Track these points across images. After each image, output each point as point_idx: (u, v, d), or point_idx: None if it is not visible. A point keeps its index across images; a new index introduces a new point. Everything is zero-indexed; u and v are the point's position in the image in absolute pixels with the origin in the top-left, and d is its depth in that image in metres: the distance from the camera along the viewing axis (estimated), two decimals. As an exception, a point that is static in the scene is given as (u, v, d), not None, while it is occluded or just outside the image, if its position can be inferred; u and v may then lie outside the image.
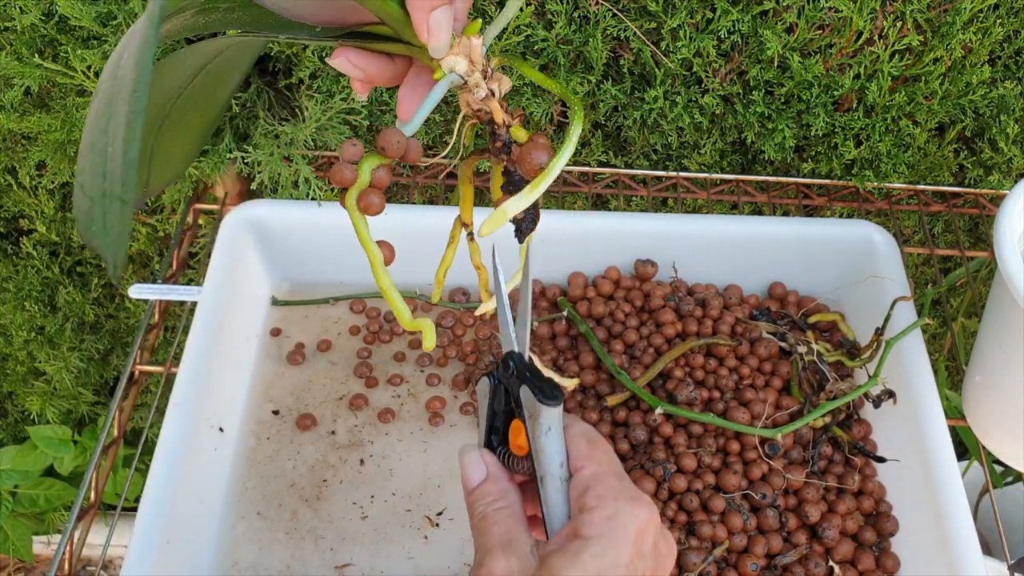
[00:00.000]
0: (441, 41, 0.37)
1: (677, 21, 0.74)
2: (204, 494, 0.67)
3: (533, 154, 0.38)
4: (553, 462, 0.41)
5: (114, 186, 0.28)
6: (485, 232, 0.38)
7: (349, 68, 0.40)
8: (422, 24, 0.37)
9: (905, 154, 0.81)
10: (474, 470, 0.43)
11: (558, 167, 0.38)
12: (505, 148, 0.40)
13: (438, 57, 0.38)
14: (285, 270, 0.81)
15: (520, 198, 0.37)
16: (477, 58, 0.39)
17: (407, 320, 0.40)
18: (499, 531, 0.41)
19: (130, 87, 0.28)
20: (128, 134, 0.27)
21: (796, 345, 0.70)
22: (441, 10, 0.36)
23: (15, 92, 0.79)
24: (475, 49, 0.38)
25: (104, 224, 0.29)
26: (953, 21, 0.73)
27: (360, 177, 0.38)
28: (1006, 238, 0.59)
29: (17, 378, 1.12)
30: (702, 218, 0.78)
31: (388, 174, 0.38)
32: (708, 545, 0.63)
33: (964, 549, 0.60)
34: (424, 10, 0.36)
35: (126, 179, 0.28)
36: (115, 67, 0.31)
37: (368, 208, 0.38)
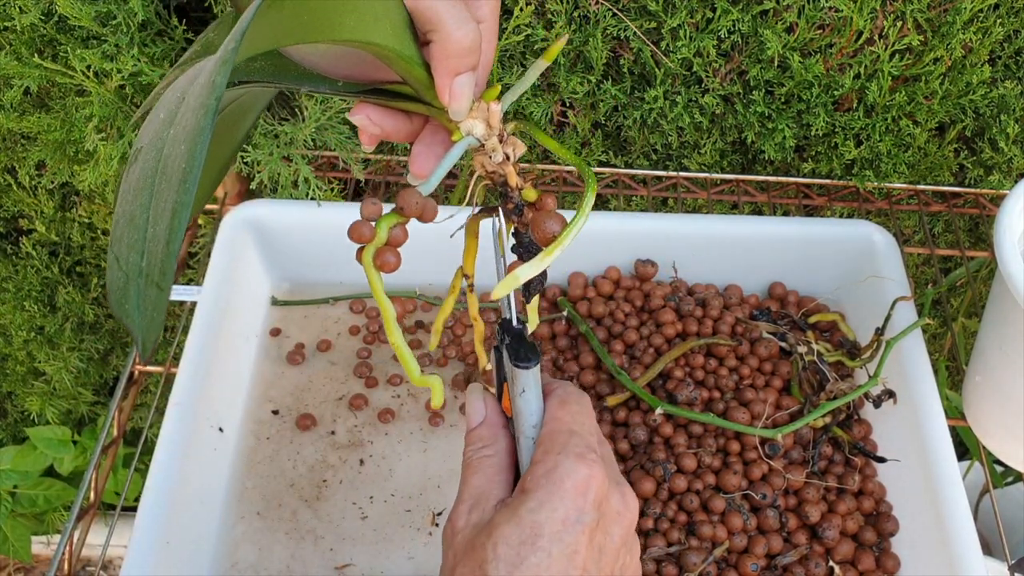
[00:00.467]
0: (462, 105, 0.39)
1: (677, 21, 0.74)
2: (204, 494, 0.67)
3: (547, 223, 0.40)
4: (527, 422, 0.41)
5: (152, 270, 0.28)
6: (496, 297, 0.39)
7: (368, 124, 0.41)
8: (445, 88, 0.38)
9: (905, 154, 0.81)
10: (474, 410, 0.44)
11: (571, 237, 0.39)
12: (517, 209, 0.41)
13: (457, 120, 0.40)
14: (285, 270, 0.81)
15: (533, 264, 0.39)
16: (495, 123, 0.40)
17: (417, 377, 0.41)
18: (476, 482, 0.41)
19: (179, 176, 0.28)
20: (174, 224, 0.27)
21: (796, 345, 0.70)
22: (465, 75, 0.38)
23: (15, 92, 0.79)
24: (493, 114, 0.40)
25: (138, 304, 0.29)
26: (953, 21, 0.73)
27: (378, 235, 0.38)
28: (1006, 238, 0.59)
29: (17, 378, 1.12)
30: (702, 218, 0.78)
31: (404, 233, 0.39)
32: (708, 545, 0.63)
33: (964, 549, 0.60)
34: (449, 75, 0.38)
35: (166, 268, 0.28)
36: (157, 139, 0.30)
37: (384, 266, 0.39)
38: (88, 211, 0.99)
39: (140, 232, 0.29)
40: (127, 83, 0.75)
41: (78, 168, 0.85)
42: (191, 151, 0.27)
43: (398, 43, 0.37)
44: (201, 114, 0.28)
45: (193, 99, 0.29)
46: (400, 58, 0.37)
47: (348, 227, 0.39)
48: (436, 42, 0.37)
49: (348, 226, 0.38)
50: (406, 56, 0.38)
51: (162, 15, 0.75)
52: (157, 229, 0.28)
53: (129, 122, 0.77)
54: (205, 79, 0.29)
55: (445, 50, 0.37)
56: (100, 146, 0.78)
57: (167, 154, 0.29)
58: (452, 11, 0.37)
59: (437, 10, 0.36)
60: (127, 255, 0.29)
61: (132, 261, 0.29)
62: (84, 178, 0.81)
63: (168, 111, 0.31)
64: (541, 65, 0.41)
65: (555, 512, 0.38)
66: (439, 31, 0.37)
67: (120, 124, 0.77)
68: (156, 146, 0.30)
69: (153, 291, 0.28)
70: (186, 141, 0.28)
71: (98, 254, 1.04)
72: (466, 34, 0.37)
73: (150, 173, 0.29)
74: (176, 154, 0.28)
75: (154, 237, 0.28)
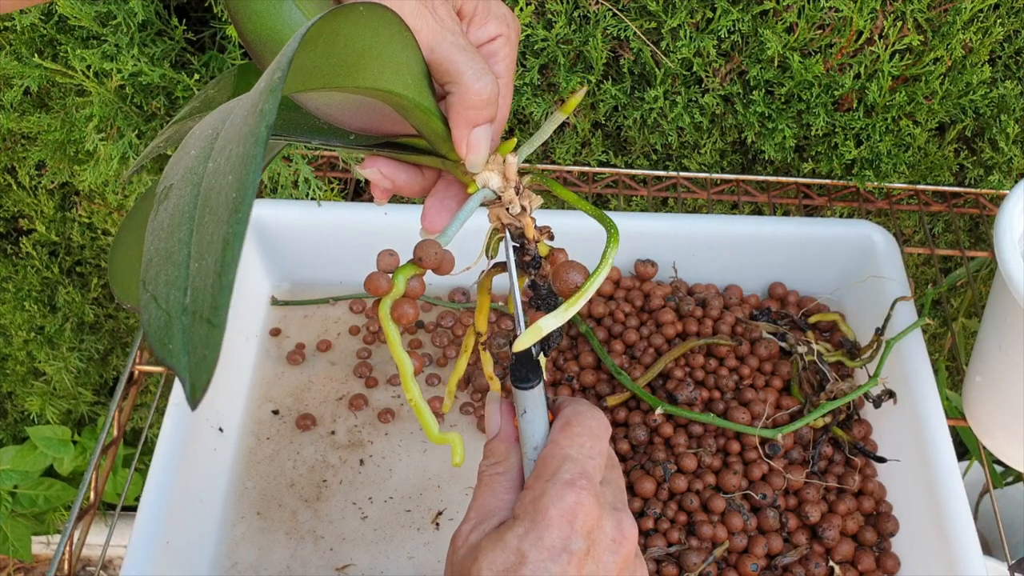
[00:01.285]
0: (480, 157, 0.39)
1: (677, 21, 0.74)
2: (204, 494, 0.67)
3: (569, 274, 0.40)
4: (528, 444, 0.41)
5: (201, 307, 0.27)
6: (518, 349, 0.39)
7: (379, 178, 0.41)
8: (463, 139, 0.38)
9: (905, 154, 0.81)
10: (491, 423, 0.43)
11: (593, 287, 0.39)
12: (534, 262, 0.41)
13: (474, 172, 0.40)
14: (285, 270, 0.81)
15: (556, 315, 0.39)
16: (511, 175, 0.40)
17: (435, 435, 0.41)
18: (483, 500, 0.41)
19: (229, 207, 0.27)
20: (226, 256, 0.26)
21: (796, 345, 0.70)
22: (483, 128, 0.38)
23: (15, 92, 0.79)
24: (510, 167, 0.40)
25: (184, 344, 0.27)
26: (953, 21, 0.73)
27: (395, 287, 0.38)
28: (1006, 238, 0.59)
29: (17, 378, 1.12)
30: (702, 218, 0.78)
31: (421, 284, 0.39)
32: (708, 545, 0.63)
33: (964, 549, 0.60)
34: (467, 126, 0.38)
35: (219, 302, 0.26)
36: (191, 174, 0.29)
37: (401, 318, 0.38)
38: (88, 211, 0.99)
39: (181, 268, 0.28)
40: (127, 83, 0.75)
41: (78, 168, 0.85)
42: (241, 180, 0.27)
43: (417, 94, 0.37)
44: (251, 142, 0.27)
45: (235, 131, 0.28)
46: (418, 108, 0.38)
47: (365, 279, 0.38)
48: (455, 94, 0.38)
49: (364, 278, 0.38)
50: (424, 107, 0.38)
51: (162, 15, 0.75)
52: (203, 263, 0.27)
53: (129, 122, 0.77)
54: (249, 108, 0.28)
55: (464, 102, 0.37)
56: (100, 146, 0.78)
57: (208, 186, 0.28)
58: (471, 64, 0.37)
59: (456, 62, 0.37)
60: (166, 293, 0.28)
61: (174, 299, 0.28)
62: (84, 178, 0.81)
63: (200, 148, 0.30)
64: (558, 118, 0.42)
65: (541, 540, 0.37)
66: (458, 83, 0.37)
67: (120, 124, 0.77)
68: (191, 181, 0.29)
69: (203, 328, 0.27)
70: (233, 172, 0.27)
71: (98, 254, 1.04)
72: (485, 86, 0.37)
73: (187, 208, 0.29)
74: (222, 185, 0.27)
75: (200, 272, 0.27)
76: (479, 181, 0.40)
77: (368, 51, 0.34)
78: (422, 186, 0.43)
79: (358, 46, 0.33)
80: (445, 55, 0.37)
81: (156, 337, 0.28)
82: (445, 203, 0.42)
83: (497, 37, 0.40)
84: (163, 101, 0.77)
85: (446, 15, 0.37)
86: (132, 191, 0.85)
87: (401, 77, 0.36)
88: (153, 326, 0.28)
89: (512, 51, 0.41)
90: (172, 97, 0.78)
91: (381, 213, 0.76)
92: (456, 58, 0.37)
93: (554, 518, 0.38)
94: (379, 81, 0.35)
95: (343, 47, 0.33)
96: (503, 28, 0.40)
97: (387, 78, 0.36)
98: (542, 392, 0.41)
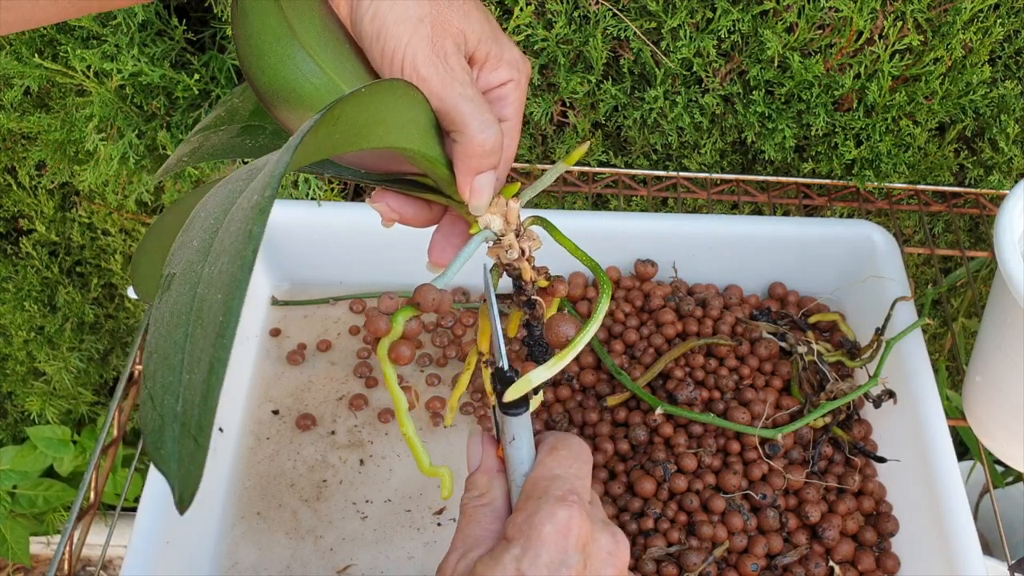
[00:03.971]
0: (482, 202, 0.40)
1: (677, 21, 0.74)
2: (204, 494, 0.67)
3: (562, 327, 0.41)
4: (517, 471, 0.42)
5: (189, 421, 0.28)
6: (509, 399, 0.40)
7: (388, 212, 0.43)
8: (466, 186, 0.40)
9: (905, 154, 0.81)
10: (472, 455, 0.44)
11: (583, 341, 0.40)
12: (529, 303, 0.43)
13: (477, 215, 0.41)
14: (285, 270, 0.81)
15: (547, 368, 0.39)
16: (513, 219, 0.42)
17: (427, 467, 0.42)
18: (469, 531, 0.41)
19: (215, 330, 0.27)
20: (211, 380, 0.27)
21: (796, 345, 0.70)
22: (486, 175, 0.40)
23: (15, 92, 0.79)
24: (511, 211, 0.42)
25: (174, 452, 0.28)
26: (953, 21, 0.73)
27: (394, 329, 0.39)
28: (1006, 238, 0.59)
29: (17, 378, 1.12)
30: (702, 218, 0.78)
31: (419, 325, 0.40)
32: (708, 545, 0.63)
33: (964, 549, 0.60)
34: (471, 174, 0.39)
35: (203, 423, 0.27)
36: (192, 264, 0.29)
37: (398, 359, 0.39)
38: (88, 211, 0.99)
39: (175, 375, 0.28)
40: (127, 83, 0.75)
41: (78, 168, 0.85)
42: (228, 305, 0.27)
43: (423, 146, 0.38)
44: (238, 265, 0.27)
45: (231, 240, 0.29)
46: (425, 159, 0.39)
47: (365, 320, 0.39)
48: (460, 143, 0.39)
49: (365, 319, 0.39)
50: (430, 157, 0.39)
51: (162, 15, 0.75)
52: (193, 377, 0.28)
53: (129, 122, 0.77)
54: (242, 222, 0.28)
55: (468, 151, 0.39)
56: (100, 146, 0.78)
57: (201, 295, 0.29)
58: (476, 114, 0.38)
59: (462, 112, 0.38)
60: (162, 396, 0.29)
61: (168, 404, 0.28)
62: (84, 178, 0.81)
63: (202, 240, 0.30)
64: (560, 167, 0.43)
65: (539, 558, 0.37)
66: (463, 133, 0.38)
67: (120, 124, 0.77)
68: (190, 280, 0.30)
69: (190, 444, 0.28)
70: (222, 290, 0.28)
71: (98, 254, 1.04)
72: (489, 137, 0.38)
73: (184, 311, 0.29)
74: (212, 301, 0.28)
75: (190, 385, 0.28)
76: (481, 223, 0.41)
77: (372, 121, 0.35)
78: (428, 219, 0.44)
79: (362, 120, 0.34)
80: (452, 105, 0.38)
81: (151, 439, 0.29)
82: (451, 239, 0.43)
83: (508, 82, 0.41)
84: (163, 101, 0.77)
85: (456, 64, 0.38)
86: (132, 191, 0.85)
87: (407, 133, 0.37)
88: (149, 426, 0.29)
89: (521, 95, 0.42)
90: (172, 97, 0.78)
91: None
92: (463, 108, 0.38)
93: (549, 535, 0.38)
94: (386, 140, 0.36)
95: (345, 126, 0.33)
96: (513, 73, 0.41)
97: (392, 138, 0.36)
98: (529, 419, 0.41)
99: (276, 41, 0.37)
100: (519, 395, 0.40)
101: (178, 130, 0.78)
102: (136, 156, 0.78)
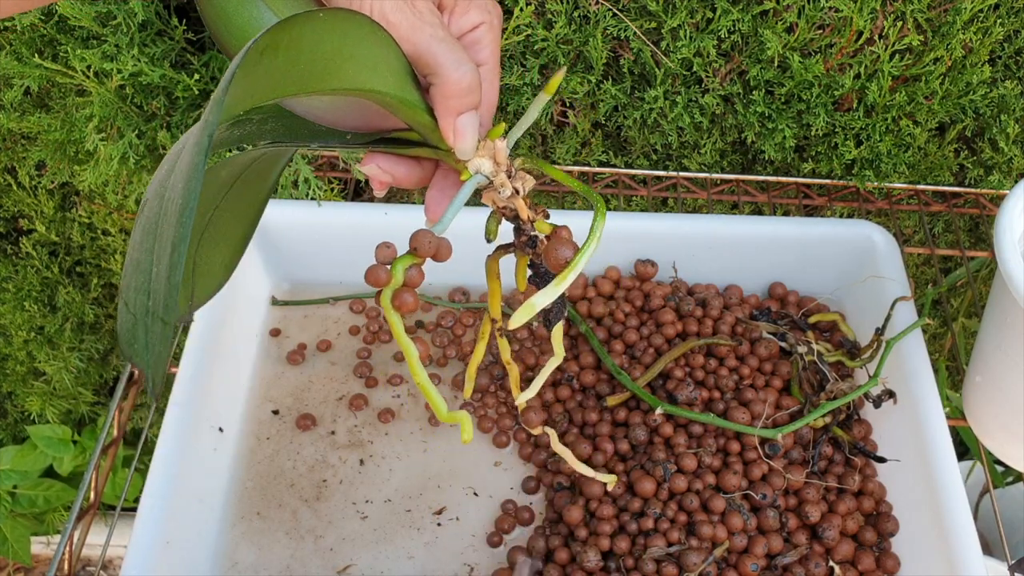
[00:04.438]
0: (467, 144, 0.40)
1: (677, 21, 0.74)
2: (204, 494, 0.67)
3: (559, 249, 0.40)
4: None
5: (157, 306, 0.29)
6: (513, 326, 0.39)
7: (378, 173, 0.42)
8: (449, 128, 0.39)
9: (905, 154, 0.81)
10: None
11: (583, 262, 0.39)
12: (530, 242, 0.42)
13: (464, 159, 0.41)
14: (285, 270, 0.81)
15: (546, 292, 0.39)
16: (502, 159, 0.41)
17: (444, 414, 0.42)
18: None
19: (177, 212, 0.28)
20: (173, 257, 0.28)
21: (796, 345, 0.70)
22: (467, 115, 0.39)
23: (15, 92, 0.79)
24: (500, 151, 0.41)
25: (146, 343, 0.29)
26: (953, 21, 0.73)
27: (394, 278, 0.39)
28: (1006, 238, 0.59)
29: (17, 378, 1.12)
30: (702, 218, 0.78)
31: (420, 273, 0.40)
32: (708, 545, 0.63)
33: (964, 549, 0.60)
34: (451, 115, 0.39)
35: (169, 301, 0.28)
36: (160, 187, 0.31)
37: (402, 307, 0.39)
38: (88, 211, 0.99)
39: (146, 275, 0.30)
40: (127, 83, 0.75)
41: (78, 168, 0.85)
42: (187, 187, 0.28)
43: (399, 89, 0.38)
44: (195, 151, 0.28)
45: (191, 141, 0.30)
46: (403, 104, 0.38)
47: (365, 272, 0.39)
48: (436, 85, 0.38)
49: (365, 271, 0.39)
50: (408, 101, 0.38)
51: (162, 15, 0.75)
52: (160, 268, 0.29)
53: (129, 122, 0.77)
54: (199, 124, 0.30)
55: (445, 92, 0.38)
56: (100, 146, 0.78)
57: (167, 199, 0.30)
58: (449, 54, 0.38)
59: (435, 53, 0.38)
60: (134, 299, 0.30)
61: (139, 303, 0.30)
62: (84, 178, 0.81)
63: (171, 163, 0.32)
64: (542, 99, 0.42)
65: None
66: (438, 74, 0.38)
67: (120, 124, 0.77)
68: (159, 194, 0.31)
69: (159, 326, 0.29)
70: (183, 179, 0.29)
71: (98, 254, 1.04)
72: (464, 74, 0.38)
73: (153, 220, 0.30)
74: (174, 195, 0.29)
75: (157, 275, 0.29)
76: (471, 168, 0.41)
77: (338, 54, 0.34)
78: (420, 177, 0.43)
79: (325, 50, 0.34)
80: (424, 48, 0.38)
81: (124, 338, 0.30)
82: (445, 192, 0.43)
83: (479, 25, 0.41)
84: (163, 101, 0.77)
85: (424, 8, 0.38)
86: (132, 191, 0.85)
87: (380, 75, 0.37)
88: (123, 328, 0.30)
89: (495, 37, 0.42)
90: (172, 97, 0.78)
91: (381, 213, 0.76)
92: (435, 49, 0.38)
93: None
94: (357, 82, 0.36)
95: (309, 53, 0.33)
96: (484, 16, 0.41)
97: (364, 77, 0.36)
98: None
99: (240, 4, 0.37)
100: (523, 321, 0.39)
101: (178, 130, 0.78)
102: (136, 156, 0.78)
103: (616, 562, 0.63)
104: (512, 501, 0.69)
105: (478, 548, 0.67)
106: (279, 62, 0.32)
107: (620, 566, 0.63)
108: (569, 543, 0.65)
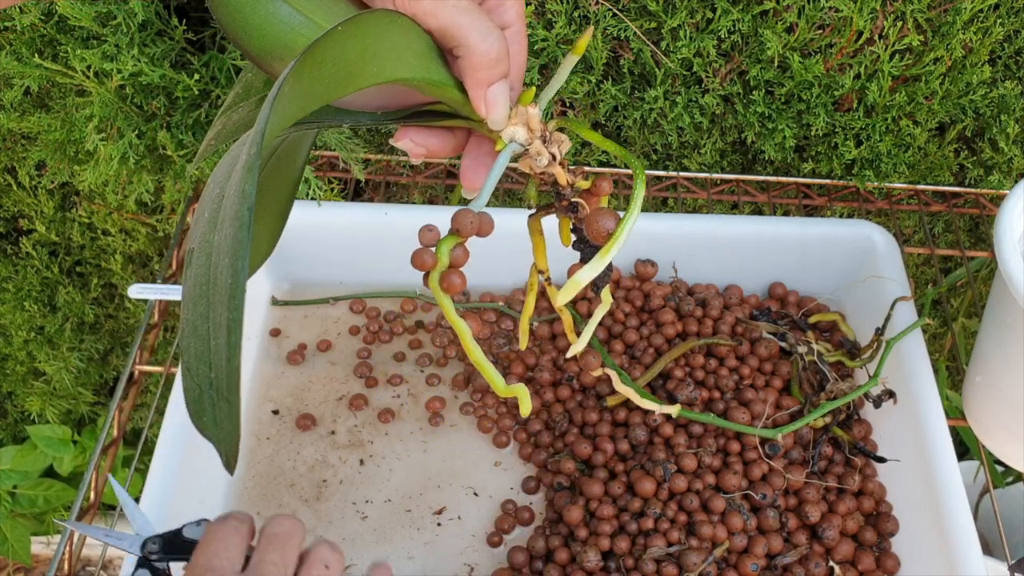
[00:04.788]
0: (499, 114, 0.39)
1: (677, 21, 0.74)
2: (204, 494, 0.67)
3: (600, 221, 0.40)
4: None
5: (221, 385, 0.29)
6: (560, 303, 0.39)
7: (412, 147, 0.42)
8: (480, 100, 0.38)
9: (905, 154, 0.81)
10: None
11: (626, 233, 0.39)
12: (571, 207, 0.41)
13: (498, 129, 0.40)
14: (285, 270, 0.81)
15: (593, 266, 0.39)
16: (535, 126, 0.40)
17: (502, 388, 0.42)
18: None
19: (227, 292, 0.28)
20: (231, 340, 0.28)
21: (796, 345, 0.70)
22: (498, 85, 0.38)
23: (15, 92, 0.79)
24: (532, 117, 0.40)
25: (214, 418, 0.30)
26: (953, 21, 0.73)
27: (440, 261, 0.39)
28: (1006, 238, 0.59)
29: (17, 378, 1.12)
30: (702, 218, 0.78)
31: (465, 252, 0.40)
32: (708, 545, 0.63)
33: (964, 549, 0.60)
34: (481, 87, 0.38)
35: (231, 383, 0.28)
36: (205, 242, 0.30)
37: (450, 288, 0.39)
38: (88, 211, 0.99)
39: (204, 343, 0.29)
40: (127, 83, 0.75)
41: (78, 168, 0.85)
42: (234, 267, 0.28)
43: (424, 71, 0.37)
44: (237, 227, 0.28)
45: (231, 205, 0.29)
46: (430, 84, 0.38)
47: (411, 255, 0.39)
48: (463, 57, 0.37)
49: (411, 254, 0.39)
50: (436, 81, 0.38)
51: (162, 15, 0.75)
52: (218, 342, 0.29)
53: (129, 122, 0.77)
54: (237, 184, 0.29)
55: (473, 64, 0.37)
56: (100, 146, 0.78)
57: (215, 263, 0.29)
58: (475, 24, 0.37)
59: (459, 25, 0.37)
60: (196, 366, 0.30)
61: (202, 373, 0.30)
62: (84, 178, 0.81)
63: (211, 211, 0.31)
64: (572, 60, 0.41)
65: None
66: (465, 46, 0.37)
67: (120, 124, 0.77)
68: (205, 250, 0.30)
69: (224, 407, 0.29)
70: (229, 254, 0.28)
71: (98, 254, 1.04)
72: (491, 45, 0.37)
73: (203, 281, 0.30)
74: (222, 266, 0.29)
75: (217, 350, 0.29)
76: (505, 136, 0.40)
77: (362, 56, 0.34)
78: (455, 146, 0.43)
79: (349, 57, 0.33)
80: (448, 20, 0.37)
81: (192, 408, 0.30)
82: (480, 160, 0.42)
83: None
84: (163, 101, 0.77)
85: None
86: (132, 191, 0.85)
87: (405, 62, 0.36)
88: (189, 396, 0.31)
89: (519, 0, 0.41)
90: (172, 97, 0.78)
91: (381, 213, 0.76)
92: (459, 20, 0.37)
93: None
94: (382, 75, 0.35)
95: (331, 66, 0.33)
96: None
97: (390, 69, 0.36)
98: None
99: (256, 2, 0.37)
100: (571, 297, 0.39)
101: (178, 130, 0.78)
102: (136, 156, 0.78)
103: (616, 562, 0.63)
104: (512, 501, 0.69)
105: (478, 548, 0.67)
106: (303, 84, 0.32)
107: (620, 566, 0.63)
108: (569, 543, 0.65)
